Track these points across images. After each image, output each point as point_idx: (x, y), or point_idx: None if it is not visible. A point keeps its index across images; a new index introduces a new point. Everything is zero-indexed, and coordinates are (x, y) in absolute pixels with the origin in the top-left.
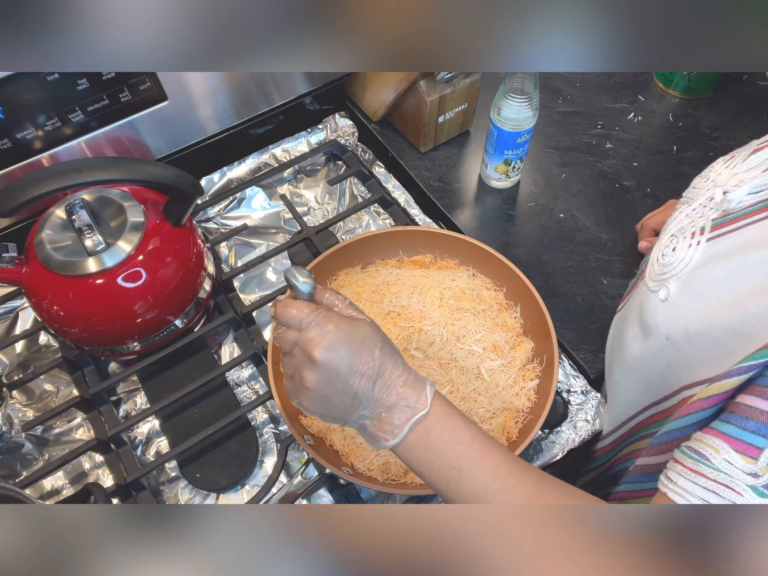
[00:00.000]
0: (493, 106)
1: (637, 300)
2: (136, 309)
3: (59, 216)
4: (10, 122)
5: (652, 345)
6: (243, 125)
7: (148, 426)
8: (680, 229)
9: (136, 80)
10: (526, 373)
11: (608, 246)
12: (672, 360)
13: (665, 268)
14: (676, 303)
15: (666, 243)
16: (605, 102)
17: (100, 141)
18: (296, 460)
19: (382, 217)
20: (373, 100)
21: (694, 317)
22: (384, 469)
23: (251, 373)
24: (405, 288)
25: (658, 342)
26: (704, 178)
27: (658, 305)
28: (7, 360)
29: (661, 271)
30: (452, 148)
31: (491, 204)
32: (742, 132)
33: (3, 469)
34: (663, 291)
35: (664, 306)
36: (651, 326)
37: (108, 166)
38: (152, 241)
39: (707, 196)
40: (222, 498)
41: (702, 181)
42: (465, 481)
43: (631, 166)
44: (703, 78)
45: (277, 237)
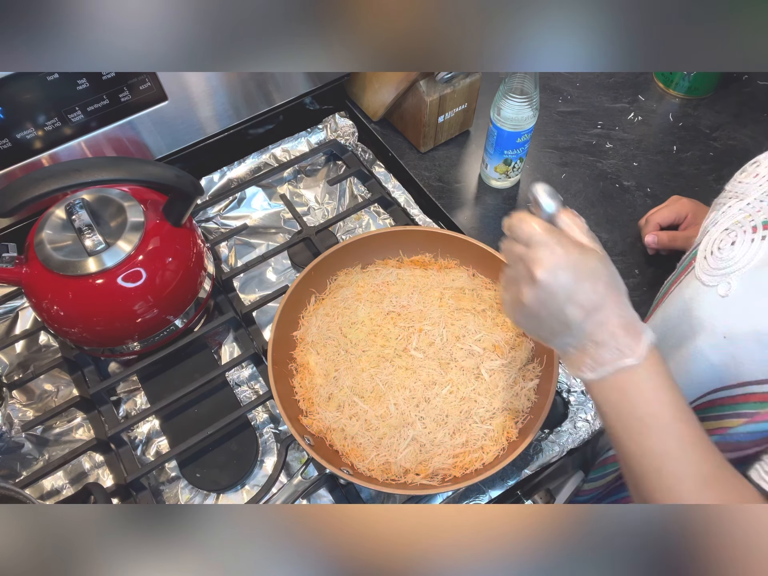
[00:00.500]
0: (493, 106)
1: (682, 296)
2: (136, 309)
3: (59, 216)
4: (10, 122)
5: (703, 342)
6: (243, 125)
7: (148, 426)
8: (735, 223)
9: (136, 80)
10: (526, 373)
11: (608, 246)
12: (729, 358)
13: (724, 263)
14: (740, 300)
15: (720, 237)
16: (605, 102)
17: (100, 141)
18: (296, 460)
19: (382, 217)
20: (373, 100)
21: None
22: (384, 469)
23: (251, 373)
24: (405, 288)
25: (711, 339)
26: (750, 173)
27: (716, 301)
28: (7, 360)
29: (719, 265)
30: (452, 148)
31: (491, 204)
32: (742, 132)
33: (3, 469)
34: (723, 286)
35: (725, 302)
36: (705, 323)
37: (108, 166)
38: (152, 241)
39: (762, 191)
40: (222, 498)
41: (749, 176)
42: (650, 438)
43: (631, 166)
44: (703, 78)
45: (277, 237)
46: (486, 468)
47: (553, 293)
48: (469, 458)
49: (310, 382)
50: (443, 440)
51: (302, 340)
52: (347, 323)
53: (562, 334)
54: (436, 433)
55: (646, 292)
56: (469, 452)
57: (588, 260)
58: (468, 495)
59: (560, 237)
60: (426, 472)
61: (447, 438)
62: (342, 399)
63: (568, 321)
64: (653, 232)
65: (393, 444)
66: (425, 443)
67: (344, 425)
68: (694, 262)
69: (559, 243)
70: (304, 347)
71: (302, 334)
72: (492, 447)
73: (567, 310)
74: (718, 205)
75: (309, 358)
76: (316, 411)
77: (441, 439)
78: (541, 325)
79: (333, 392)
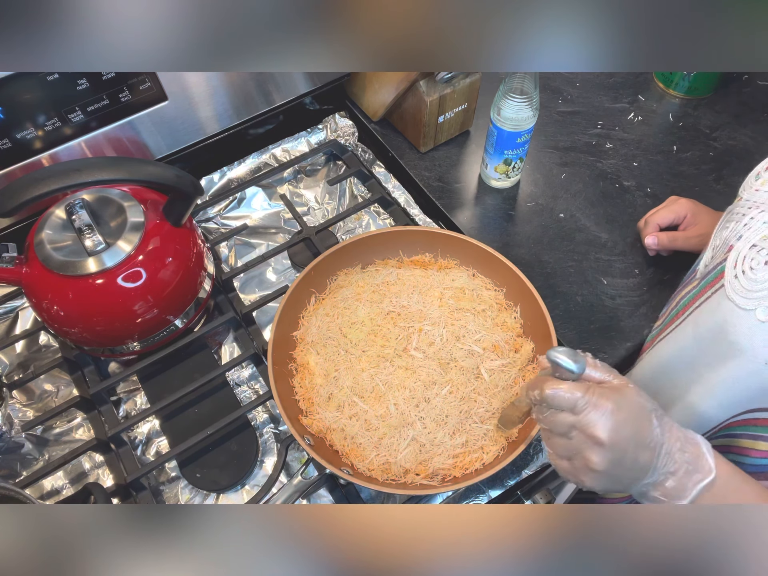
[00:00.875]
0: (493, 106)
1: (714, 316)
2: (136, 309)
3: (59, 216)
4: (10, 122)
5: (741, 367)
6: (243, 125)
7: (148, 426)
8: (763, 239)
9: (136, 80)
10: (526, 373)
11: (608, 246)
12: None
13: (759, 285)
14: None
15: (750, 255)
16: (605, 102)
17: (100, 141)
18: (296, 460)
19: (382, 217)
20: (373, 100)
21: None
22: (384, 469)
23: (251, 373)
24: (405, 288)
25: (750, 365)
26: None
27: (755, 326)
28: (7, 360)
29: (754, 287)
30: (452, 148)
31: (491, 204)
32: (742, 132)
33: (3, 469)
34: (762, 311)
35: (765, 328)
36: (744, 348)
37: (108, 166)
38: (152, 241)
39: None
40: (222, 498)
41: (767, 183)
42: None
43: (631, 166)
44: (703, 78)
45: (277, 237)
46: (486, 468)
47: (623, 449)
48: (469, 458)
49: (310, 382)
50: (443, 440)
51: (302, 340)
52: (347, 323)
53: (639, 480)
54: (436, 433)
55: (646, 292)
56: (469, 452)
57: (632, 401)
58: (468, 495)
59: (600, 391)
60: (426, 472)
61: (447, 438)
62: (342, 399)
63: (644, 466)
64: (653, 234)
65: (393, 444)
66: (425, 443)
67: (344, 425)
68: (722, 278)
69: (605, 397)
70: (304, 347)
71: (302, 334)
72: (492, 447)
73: (640, 458)
74: (736, 215)
75: (309, 358)
76: (316, 411)
77: (441, 439)
78: (619, 480)
79: (333, 392)
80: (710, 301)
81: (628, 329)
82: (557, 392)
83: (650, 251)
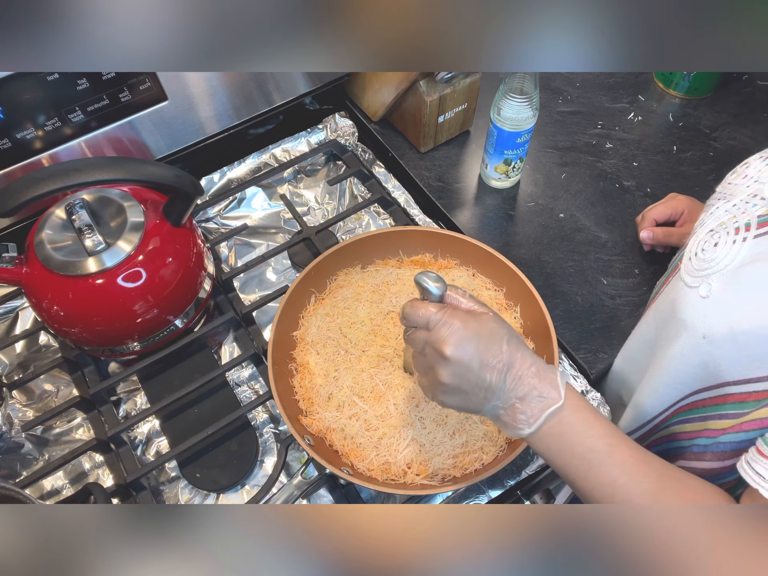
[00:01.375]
0: (493, 106)
1: (669, 296)
2: (136, 309)
3: (59, 216)
4: (10, 122)
5: (685, 342)
6: (243, 125)
7: (148, 426)
8: (720, 225)
9: (136, 80)
10: None
11: (608, 246)
12: (708, 358)
13: (706, 264)
14: (719, 300)
15: (705, 238)
16: (605, 102)
17: (100, 141)
18: (296, 460)
19: (382, 217)
20: (373, 100)
21: (740, 316)
22: (384, 469)
23: (251, 373)
24: (405, 288)
25: (692, 340)
26: (740, 174)
27: (697, 302)
28: (7, 360)
29: (702, 266)
30: (452, 148)
31: (491, 204)
32: (742, 132)
33: (3, 469)
34: (704, 287)
35: (705, 303)
36: (687, 323)
37: (108, 166)
38: (152, 241)
39: (748, 192)
40: (222, 498)
41: (738, 177)
42: (594, 472)
43: (631, 166)
44: (703, 78)
45: (277, 237)
46: (485, 468)
47: (467, 364)
48: (469, 458)
49: (310, 382)
50: (443, 440)
51: (302, 340)
52: (347, 323)
53: (488, 400)
54: (436, 433)
55: (646, 292)
56: (469, 452)
57: (485, 325)
58: (468, 495)
59: (454, 311)
60: (426, 473)
61: (447, 438)
62: (342, 399)
63: (489, 385)
64: (648, 228)
65: (393, 444)
66: (425, 443)
67: (344, 425)
68: (681, 263)
69: (455, 316)
70: (304, 347)
71: (302, 334)
72: (491, 448)
73: (484, 375)
74: (708, 206)
75: (309, 358)
76: (316, 411)
77: (440, 439)
78: (467, 397)
79: (333, 392)
80: (668, 285)
81: (628, 329)
82: (414, 310)
83: (645, 246)
